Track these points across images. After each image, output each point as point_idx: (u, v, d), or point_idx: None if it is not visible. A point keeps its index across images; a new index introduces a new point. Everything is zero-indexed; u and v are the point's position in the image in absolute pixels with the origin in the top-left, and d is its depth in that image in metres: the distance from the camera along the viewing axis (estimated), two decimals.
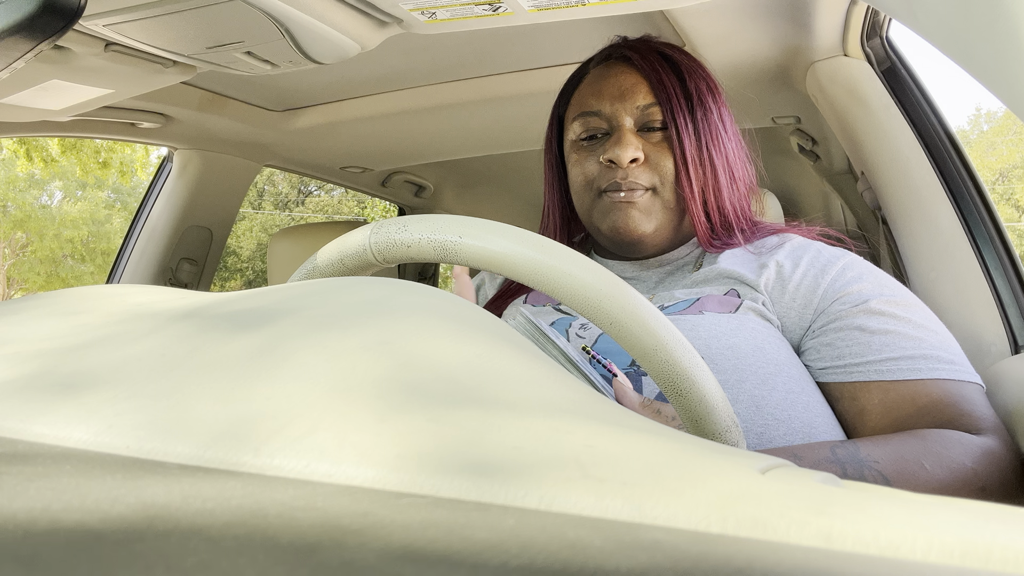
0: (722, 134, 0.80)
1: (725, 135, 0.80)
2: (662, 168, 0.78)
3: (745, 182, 0.82)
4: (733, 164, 0.80)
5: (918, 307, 0.69)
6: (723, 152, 0.79)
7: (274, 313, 0.26)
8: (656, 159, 0.78)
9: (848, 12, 0.99)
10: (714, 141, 0.79)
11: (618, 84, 0.80)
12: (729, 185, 0.80)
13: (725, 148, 0.80)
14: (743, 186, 0.82)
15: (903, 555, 0.13)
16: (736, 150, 0.82)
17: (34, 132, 1.29)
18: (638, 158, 0.77)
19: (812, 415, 0.63)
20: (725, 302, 0.70)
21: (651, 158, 0.78)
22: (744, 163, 0.83)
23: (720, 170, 0.79)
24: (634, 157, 0.77)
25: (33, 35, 0.49)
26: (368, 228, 0.46)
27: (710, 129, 0.79)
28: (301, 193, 19.95)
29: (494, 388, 0.21)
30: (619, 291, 0.40)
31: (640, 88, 0.79)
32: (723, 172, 0.79)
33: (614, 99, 0.80)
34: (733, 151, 0.81)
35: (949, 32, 0.28)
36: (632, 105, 0.79)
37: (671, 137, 0.78)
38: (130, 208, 17.27)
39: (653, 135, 0.79)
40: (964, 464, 0.56)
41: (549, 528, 0.14)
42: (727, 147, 0.80)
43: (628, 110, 0.79)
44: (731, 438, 0.41)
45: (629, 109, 0.79)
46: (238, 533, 0.14)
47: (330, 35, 0.79)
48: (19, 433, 0.20)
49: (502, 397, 0.20)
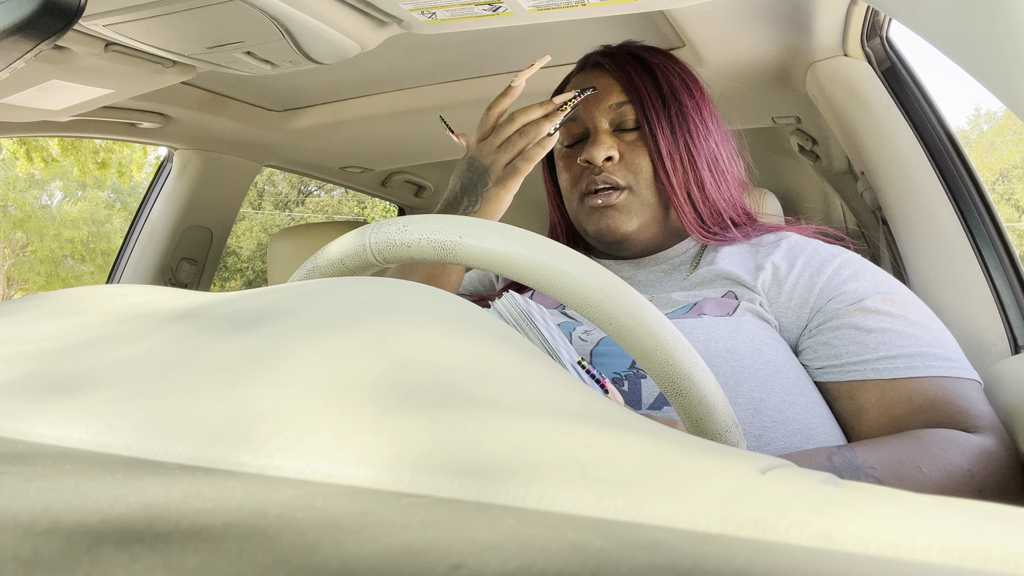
0: (700, 128, 0.80)
1: (704, 129, 0.81)
2: (637, 166, 0.79)
3: (733, 173, 0.83)
4: (716, 156, 0.81)
5: (914, 304, 0.69)
6: (703, 145, 0.80)
7: (274, 313, 0.26)
8: (631, 158, 0.79)
9: (848, 12, 0.99)
10: (692, 135, 0.79)
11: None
12: (713, 177, 0.80)
13: (705, 141, 0.80)
14: (731, 177, 0.82)
15: (903, 555, 0.13)
16: (720, 143, 0.82)
17: (34, 132, 1.29)
18: (612, 156, 0.79)
19: (810, 416, 0.63)
20: (723, 304, 0.70)
21: (626, 157, 0.80)
22: (731, 156, 0.83)
23: (701, 163, 0.79)
24: (608, 156, 0.78)
25: (33, 35, 0.49)
26: (368, 228, 0.46)
27: (687, 124, 0.79)
28: (301, 193, 19.95)
29: (493, 388, 0.21)
30: (619, 291, 0.40)
31: (612, 89, 0.81)
32: (705, 165, 0.79)
33: (588, 102, 0.82)
34: (716, 144, 0.81)
35: (949, 32, 0.28)
36: (605, 106, 0.81)
37: (645, 135, 0.79)
38: (130, 208, 17.27)
39: (628, 134, 0.81)
40: (961, 466, 0.56)
41: (549, 528, 0.14)
42: (707, 141, 0.80)
43: (602, 111, 0.81)
44: (731, 438, 0.41)
45: (603, 110, 0.81)
46: (238, 533, 0.14)
47: (330, 35, 0.79)
48: (19, 433, 0.20)
49: (501, 397, 0.20)
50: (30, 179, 15.86)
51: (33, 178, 15.84)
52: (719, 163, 0.81)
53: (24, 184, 15.90)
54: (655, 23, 1.08)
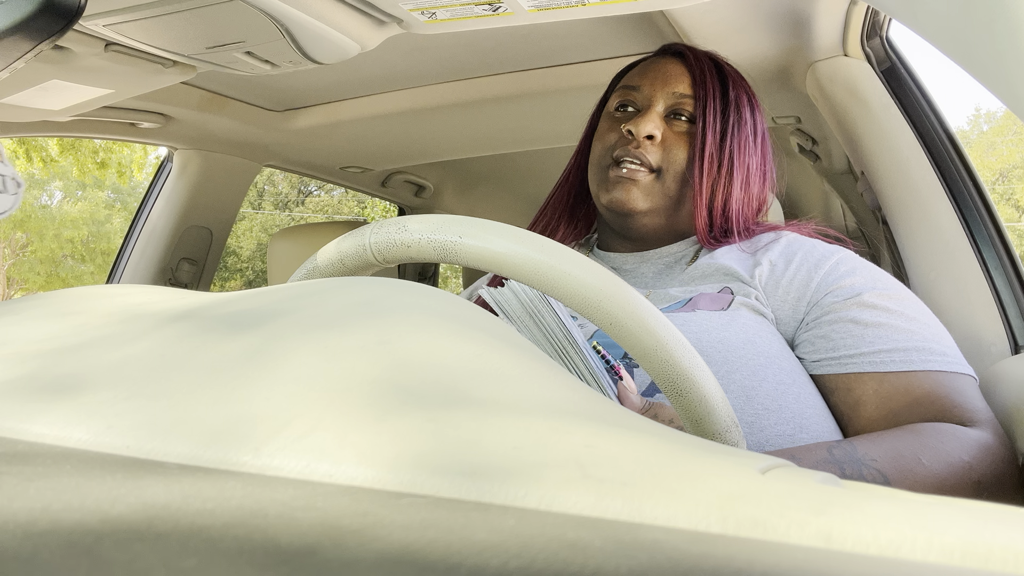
0: (749, 145, 0.82)
1: (752, 148, 0.83)
2: (673, 154, 0.80)
3: (759, 197, 0.84)
4: (751, 176, 0.82)
5: (911, 300, 0.69)
6: (744, 162, 0.81)
7: (273, 313, 0.26)
8: (671, 145, 0.80)
9: (848, 12, 0.99)
10: (739, 148, 0.81)
11: (663, 70, 0.84)
12: (741, 192, 0.81)
13: (748, 160, 0.82)
14: (755, 200, 0.83)
15: (903, 555, 0.13)
16: (760, 166, 0.84)
17: (34, 132, 1.29)
18: (655, 136, 0.80)
19: (803, 406, 0.64)
20: (718, 299, 0.71)
21: (667, 142, 0.81)
22: (764, 181, 0.85)
23: (736, 177, 0.81)
24: (651, 134, 0.80)
25: (33, 35, 0.49)
26: (368, 228, 0.46)
27: (739, 137, 0.81)
28: (301, 193, 19.95)
29: (493, 388, 0.21)
30: (619, 291, 0.40)
31: (682, 79, 0.83)
32: (739, 180, 0.81)
33: (655, 81, 0.83)
34: (756, 165, 0.83)
35: (949, 32, 0.28)
36: (669, 91, 0.82)
37: (696, 131, 0.80)
38: (130, 208, 17.26)
39: (679, 124, 0.82)
40: (961, 458, 0.56)
41: (549, 528, 0.14)
42: (751, 160, 0.82)
43: (664, 94, 0.82)
44: (731, 438, 0.41)
45: (665, 93, 0.82)
46: (238, 533, 0.14)
47: (330, 35, 0.79)
48: (19, 433, 0.20)
49: (501, 397, 0.20)
50: (30, 179, 15.85)
51: (33, 178, 15.85)
52: (751, 184, 0.82)
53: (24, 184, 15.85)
54: (655, 23, 1.08)
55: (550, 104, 1.36)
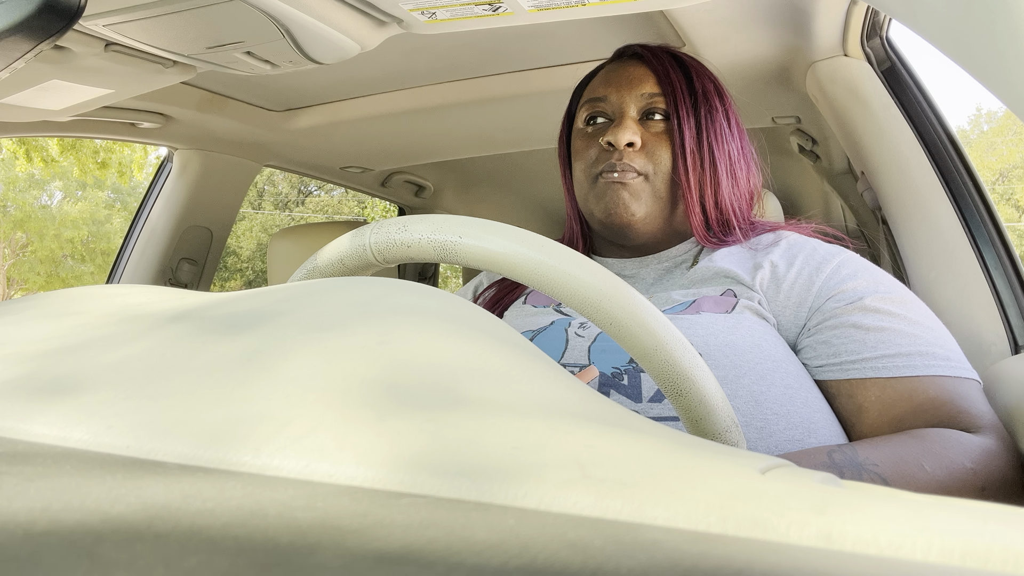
0: (725, 133, 0.81)
1: (729, 135, 0.82)
2: (657, 157, 0.79)
3: (747, 185, 0.83)
4: (735, 164, 0.82)
5: (913, 303, 0.69)
6: (725, 151, 0.81)
7: (273, 313, 0.26)
8: (653, 147, 0.80)
9: (848, 12, 0.99)
10: (716, 139, 0.80)
11: (627, 74, 0.83)
12: (729, 183, 0.81)
13: (728, 147, 0.81)
14: (744, 188, 0.83)
15: (903, 555, 0.13)
16: (740, 152, 0.83)
17: (34, 132, 1.29)
18: (635, 143, 0.79)
19: (811, 411, 0.63)
20: (721, 302, 0.70)
21: (648, 145, 0.80)
22: (748, 167, 0.84)
23: (720, 167, 0.80)
24: (631, 141, 0.79)
25: (33, 35, 0.49)
26: (368, 228, 0.46)
27: (714, 126, 0.80)
28: (301, 193, 19.95)
29: (493, 388, 0.21)
30: (619, 291, 0.40)
31: (647, 79, 0.82)
32: (724, 170, 0.80)
33: (620, 87, 0.82)
34: (736, 152, 0.82)
35: (949, 32, 0.28)
36: (637, 93, 0.81)
37: (672, 128, 0.80)
38: (130, 208, 17.26)
39: (654, 124, 0.81)
40: (964, 464, 0.56)
41: (549, 528, 0.14)
42: (730, 147, 0.81)
43: (633, 98, 0.81)
44: (731, 438, 0.41)
45: (634, 97, 0.81)
46: (238, 533, 0.14)
47: (330, 35, 0.79)
48: (19, 433, 0.20)
49: (501, 397, 0.20)
50: (30, 179, 15.85)
51: (33, 178, 15.84)
52: (737, 172, 0.82)
53: (24, 184, 15.89)
54: (655, 23, 1.08)
55: (550, 104, 1.36)
